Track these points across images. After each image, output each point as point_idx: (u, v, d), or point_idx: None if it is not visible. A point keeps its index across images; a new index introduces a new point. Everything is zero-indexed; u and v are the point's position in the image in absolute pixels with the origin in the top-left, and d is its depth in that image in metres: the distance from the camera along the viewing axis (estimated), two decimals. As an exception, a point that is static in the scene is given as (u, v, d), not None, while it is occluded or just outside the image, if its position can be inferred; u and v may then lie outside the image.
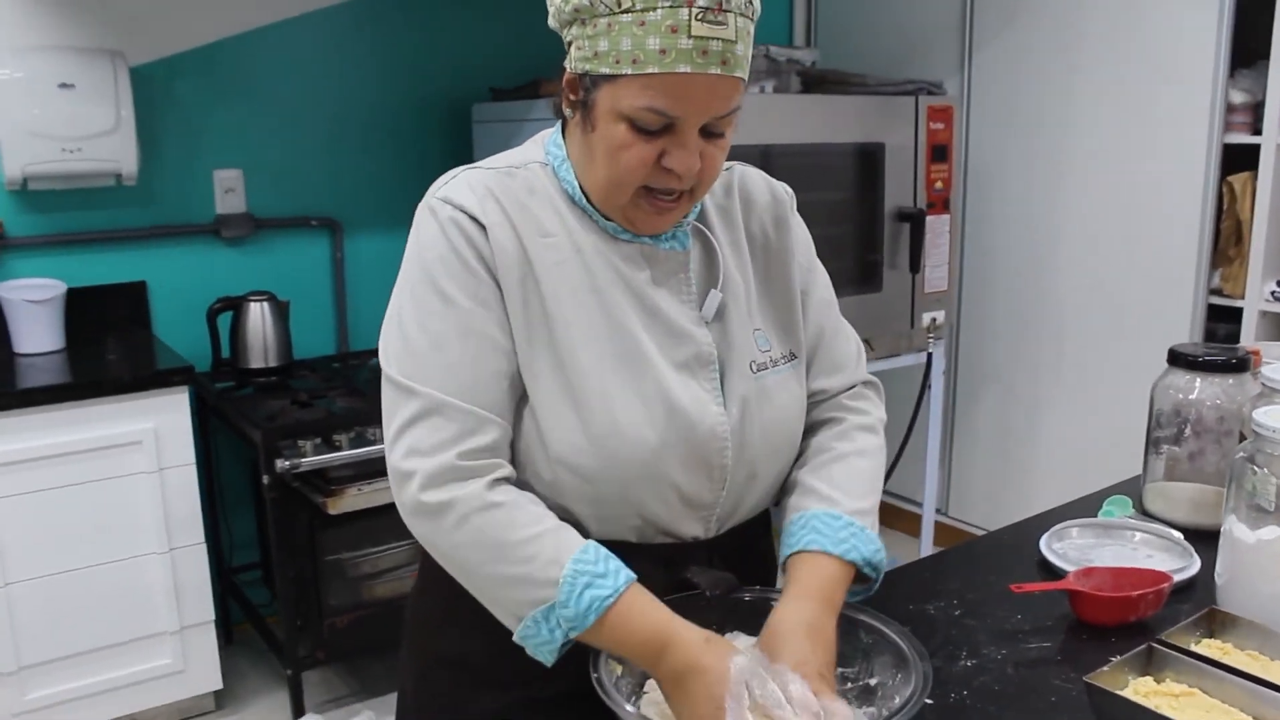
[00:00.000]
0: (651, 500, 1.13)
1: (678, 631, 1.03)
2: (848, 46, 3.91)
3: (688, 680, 1.01)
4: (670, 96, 1.02)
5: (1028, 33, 3.31)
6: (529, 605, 1.04)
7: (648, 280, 1.15)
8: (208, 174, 3.13)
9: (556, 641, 1.04)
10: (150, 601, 2.70)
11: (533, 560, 1.03)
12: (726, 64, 1.03)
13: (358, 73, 3.29)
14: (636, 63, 1.01)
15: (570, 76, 1.09)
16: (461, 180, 1.13)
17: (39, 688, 2.60)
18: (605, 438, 1.09)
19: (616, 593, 1.03)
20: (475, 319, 1.09)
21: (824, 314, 1.30)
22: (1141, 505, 1.69)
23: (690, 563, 1.17)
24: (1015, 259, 3.46)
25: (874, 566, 1.19)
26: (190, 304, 3.12)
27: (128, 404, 2.60)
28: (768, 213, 1.27)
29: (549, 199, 1.14)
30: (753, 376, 1.18)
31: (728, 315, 1.19)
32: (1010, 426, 3.58)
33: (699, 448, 1.13)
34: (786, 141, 2.83)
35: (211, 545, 3.11)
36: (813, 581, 1.14)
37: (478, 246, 1.09)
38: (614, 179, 1.08)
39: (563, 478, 1.11)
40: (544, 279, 1.11)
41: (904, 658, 1.06)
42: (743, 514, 1.23)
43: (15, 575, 2.52)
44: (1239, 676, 1.12)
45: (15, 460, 2.49)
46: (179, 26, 3.01)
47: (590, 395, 1.10)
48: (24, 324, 2.82)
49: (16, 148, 2.73)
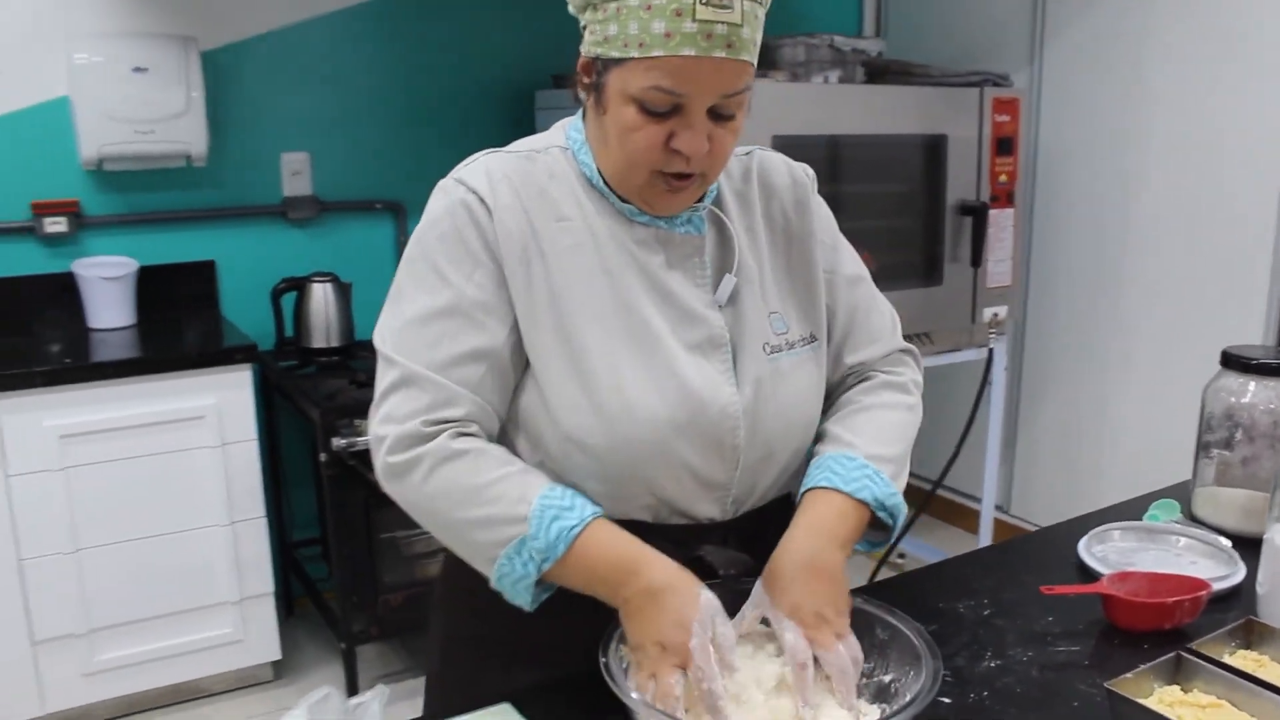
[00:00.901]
0: (664, 479, 1.14)
1: (650, 555, 1.07)
2: (918, 38, 3.86)
3: (661, 596, 1.03)
4: (675, 78, 1.04)
5: (1101, 23, 3.22)
6: (501, 544, 1.07)
7: (662, 263, 1.17)
8: (275, 157, 3.20)
9: (531, 576, 1.07)
10: (212, 572, 2.78)
11: (500, 500, 1.07)
12: (731, 47, 1.04)
13: (423, 59, 3.33)
14: (643, 46, 1.03)
15: (584, 60, 1.12)
16: (480, 164, 1.16)
17: (107, 650, 2.70)
18: (616, 417, 1.11)
19: (583, 522, 1.07)
20: (465, 299, 1.11)
21: (854, 290, 1.31)
22: (1190, 510, 1.65)
23: (706, 544, 1.18)
24: (1084, 255, 3.38)
25: (889, 511, 1.19)
26: (256, 283, 3.19)
27: (193, 379, 2.68)
28: (788, 195, 1.28)
29: (568, 183, 1.16)
30: (766, 358, 1.19)
31: (741, 299, 1.20)
32: (1075, 425, 3.50)
33: (711, 427, 1.14)
34: (848, 132, 2.81)
35: (274, 520, 3.21)
36: (819, 517, 1.15)
37: (482, 229, 1.12)
38: (626, 160, 1.10)
39: (573, 455, 1.13)
40: (555, 261, 1.13)
41: (917, 655, 1.06)
42: (760, 496, 1.23)
43: (86, 541, 2.62)
44: (1270, 690, 1.10)
45: (87, 431, 2.58)
46: (249, 12, 3.08)
47: (600, 375, 1.11)
48: (98, 300, 2.92)
49: (93, 129, 2.82)
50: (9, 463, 2.51)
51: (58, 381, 2.53)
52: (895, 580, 1.51)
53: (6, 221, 2.89)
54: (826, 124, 2.76)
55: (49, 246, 2.95)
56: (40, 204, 2.90)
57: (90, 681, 2.69)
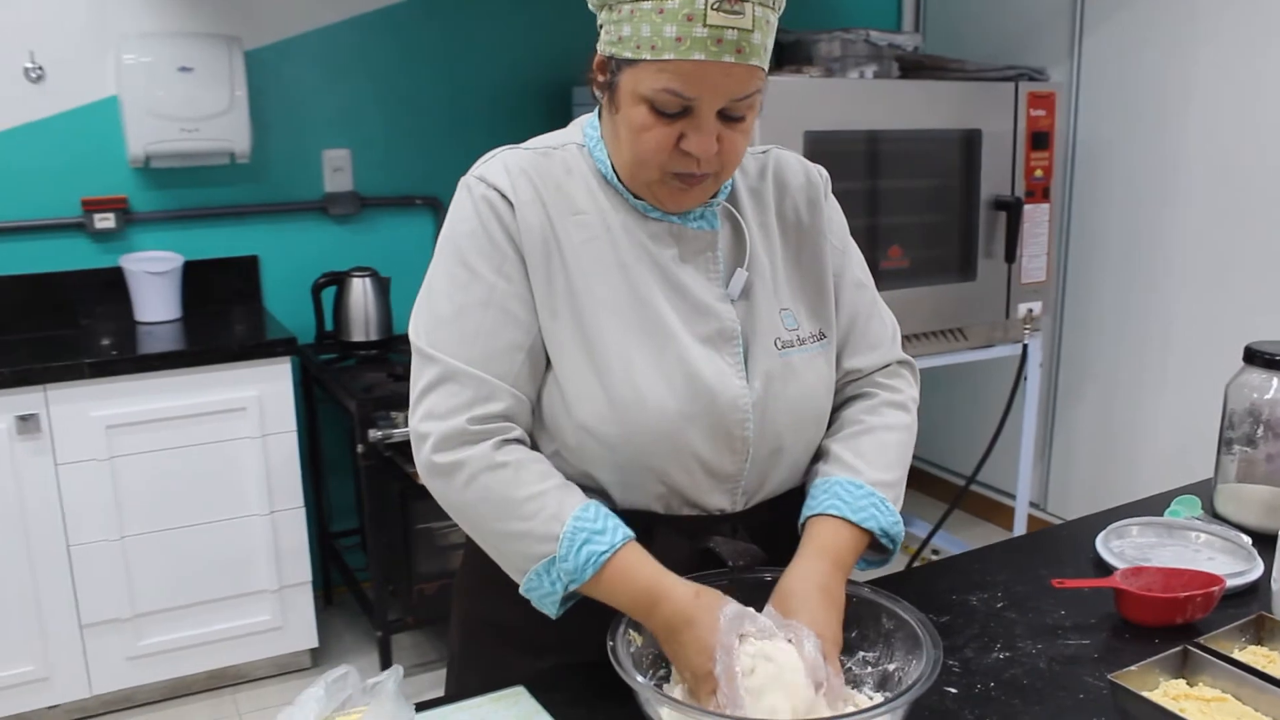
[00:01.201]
0: (673, 469, 1.17)
1: (669, 586, 1.08)
2: (957, 32, 3.84)
3: (680, 632, 1.06)
4: (685, 82, 1.06)
5: (1141, 16, 3.19)
6: (532, 559, 1.10)
7: (674, 257, 1.19)
8: (317, 153, 3.26)
9: (558, 594, 1.10)
10: (252, 560, 2.85)
11: (535, 516, 1.09)
12: (741, 52, 1.05)
13: (461, 56, 3.37)
14: (654, 49, 1.05)
15: (599, 59, 1.14)
16: (499, 160, 1.19)
17: (150, 635, 2.77)
18: (627, 406, 1.13)
19: (613, 548, 1.08)
20: (497, 293, 1.14)
21: (857, 296, 1.32)
22: (1213, 507, 1.65)
23: (716, 536, 1.21)
24: (1122, 250, 3.35)
25: (891, 538, 1.21)
26: (298, 278, 3.26)
27: (234, 372, 2.74)
28: (801, 195, 1.29)
29: (584, 179, 1.19)
30: (777, 353, 1.21)
31: (753, 294, 1.22)
32: (1113, 423, 3.47)
33: (720, 419, 1.17)
34: (882, 127, 2.81)
35: (314, 510, 3.28)
36: (827, 544, 1.17)
37: (505, 223, 1.15)
38: (637, 159, 1.12)
39: (587, 445, 1.15)
40: (571, 255, 1.15)
41: (920, 644, 1.07)
42: (770, 489, 1.25)
43: (132, 529, 2.69)
44: (1276, 685, 1.10)
45: (133, 421, 2.65)
46: (291, 11, 3.14)
47: (613, 366, 1.14)
48: (145, 294, 3.00)
49: (140, 127, 2.89)
50: (58, 452, 2.59)
51: (105, 373, 2.60)
52: (911, 572, 1.52)
53: (58, 218, 2.97)
54: (859, 119, 2.76)
55: (98, 242, 3.03)
56: (90, 201, 2.98)
57: (135, 665, 2.77)
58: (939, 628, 1.30)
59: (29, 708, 2.70)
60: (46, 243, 2.98)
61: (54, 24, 2.88)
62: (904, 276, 2.90)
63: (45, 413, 2.56)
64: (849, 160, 2.78)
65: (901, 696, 0.97)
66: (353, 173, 3.32)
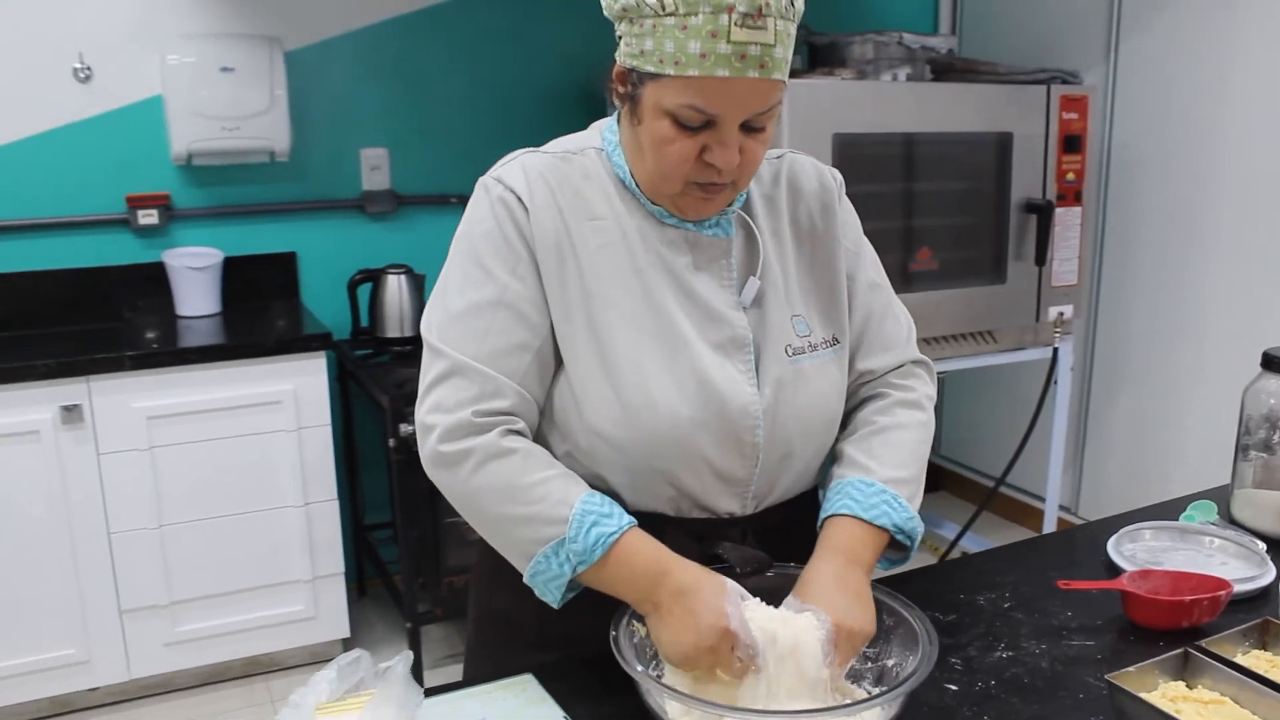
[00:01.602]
0: (683, 473, 1.19)
1: (677, 560, 1.12)
2: (994, 35, 3.83)
3: (688, 595, 1.08)
4: (709, 97, 1.07)
5: (1178, 20, 3.17)
6: (540, 543, 1.13)
7: (688, 265, 1.21)
8: (355, 152, 3.32)
9: (565, 576, 1.13)
10: (286, 551, 2.91)
11: (543, 500, 1.12)
12: (764, 67, 1.07)
13: (499, 57, 3.42)
14: (678, 65, 1.07)
15: (620, 69, 1.15)
16: (517, 163, 1.21)
17: (187, 622, 2.84)
18: (639, 410, 1.16)
19: (621, 530, 1.12)
20: (509, 293, 1.17)
21: (871, 297, 1.33)
22: (1229, 513, 1.65)
23: (725, 539, 1.23)
24: (1158, 255, 3.32)
25: (907, 534, 1.23)
26: (336, 274, 3.32)
27: (271, 366, 2.80)
28: (815, 200, 1.31)
29: (601, 184, 1.21)
30: (788, 360, 1.23)
31: (765, 301, 1.24)
32: (1146, 427, 3.45)
33: (730, 424, 1.19)
34: (911, 130, 2.81)
35: (349, 503, 3.34)
36: (841, 541, 1.19)
37: (520, 225, 1.17)
38: (660, 172, 1.14)
39: (598, 447, 1.18)
40: (587, 259, 1.18)
41: (917, 640, 1.09)
42: (780, 493, 1.27)
43: (170, 518, 2.77)
44: (1275, 690, 1.11)
45: (173, 413, 2.72)
46: (331, 13, 3.20)
47: (625, 370, 1.16)
48: (186, 289, 3.07)
49: (183, 126, 2.97)
50: (100, 442, 2.66)
51: (146, 366, 2.67)
52: (921, 571, 1.53)
53: (103, 214, 3.06)
54: (890, 122, 2.77)
55: (141, 237, 3.11)
56: (134, 197, 3.06)
57: (172, 651, 2.84)
58: (945, 626, 1.33)
59: (70, 689, 2.78)
60: (92, 238, 3.06)
61: (102, 26, 2.97)
62: (933, 278, 2.91)
63: (88, 403, 2.64)
64: (878, 162, 2.79)
65: (892, 691, 0.99)
66: (390, 171, 3.38)
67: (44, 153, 2.98)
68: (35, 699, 2.75)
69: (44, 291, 3.02)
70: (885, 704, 1.02)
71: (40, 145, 2.97)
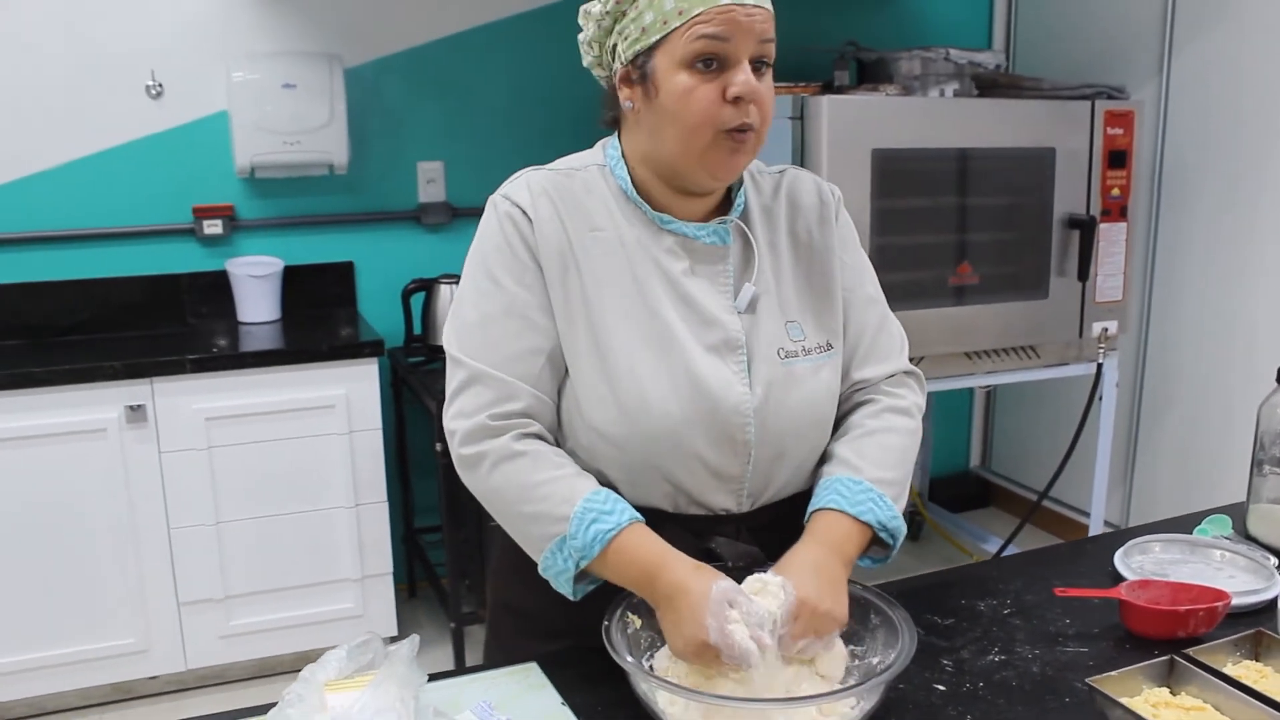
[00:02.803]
0: (678, 469, 1.25)
1: (670, 559, 1.17)
2: (1047, 51, 3.82)
3: (676, 599, 1.13)
4: (719, 25, 1.16)
5: (1230, 36, 3.14)
6: (547, 539, 1.20)
7: (685, 270, 1.28)
8: (412, 165, 3.43)
9: (570, 571, 1.19)
10: (337, 550, 3.01)
11: (549, 499, 1.20)
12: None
13: (551, 73, 3.50)
14: (683, 12, 1.17)
15: (622, 71, 1.24)
16: (523, 180, 1.30)
17: (241, 616, 2.96)
18: (634, 409, 1.23)
19: (619, 527, 1.18)
20: (519, 301, 1.25)
21: (868, 311, 1.39)
22: (1244, 527, 1.65)
23: (722, 535, 1.28)
24: (1210, 272, 3.29)
25: (890, 533, 1.27)
26: (392, 283, 3.42)
27: (324, 371, 2.91)
28: (813, 213, 1.37)
29: (602, 198, 1.29)
30: (780, 362, 1.28)
31: (759, 307, 1.30)
32: (1198, 444, 3.41)
33: (722, 422, 1.25)
34: (952, 145, 2.83)
35: (400, 506, 3.44)
36: (824, 533, 1.24)
37: (526, 238, 1.25)
38: (689, 126, 1.20)
39: (597, 445, 1.25)
40: (588, 268, 1.25)
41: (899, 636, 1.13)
42: (775, 491, 1.33)
43: (227, 515, 2.88)
44: (1258, 699, 1.12)
45: (230, 415, 2.84)
46: (390, 31, 3.32)
47: (622, 372, 1.23)
48: (247, 296, 3.20)
49: (246, 141, 3.09)
50: (162, 441, 2.79)
51: (205, 369, 2.80)
52: (925, 578, 1.56)
53: (171, 223, 3.20)
54: (929, 138, 2.79)
55: (206, 246, 3.25)
56: (200, 208, 3.20)
57: (227, 643, 2.96)
58: (942, 629, 1.37)
59: (130, 677, 2.91)
60: (160, 246, 3.20)
61: (174, 45, 3.11)
62: (975, 293, 2.92)
63: (151, 404, 2.77)
64: (918, 178, 2.80)
65: (868, 682, 1.03)
66: (445, 184, 3.48)
67: (117, 165, 3.13)
68: (98, 684, 2.88)
69: (115, 297, 3.17)
70: (861, 695, 1.06)
71: (114, 158, 3.13)
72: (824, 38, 3.51)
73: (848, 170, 2.66)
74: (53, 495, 2.73)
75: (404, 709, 1.05)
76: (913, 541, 3.99)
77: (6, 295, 3.08)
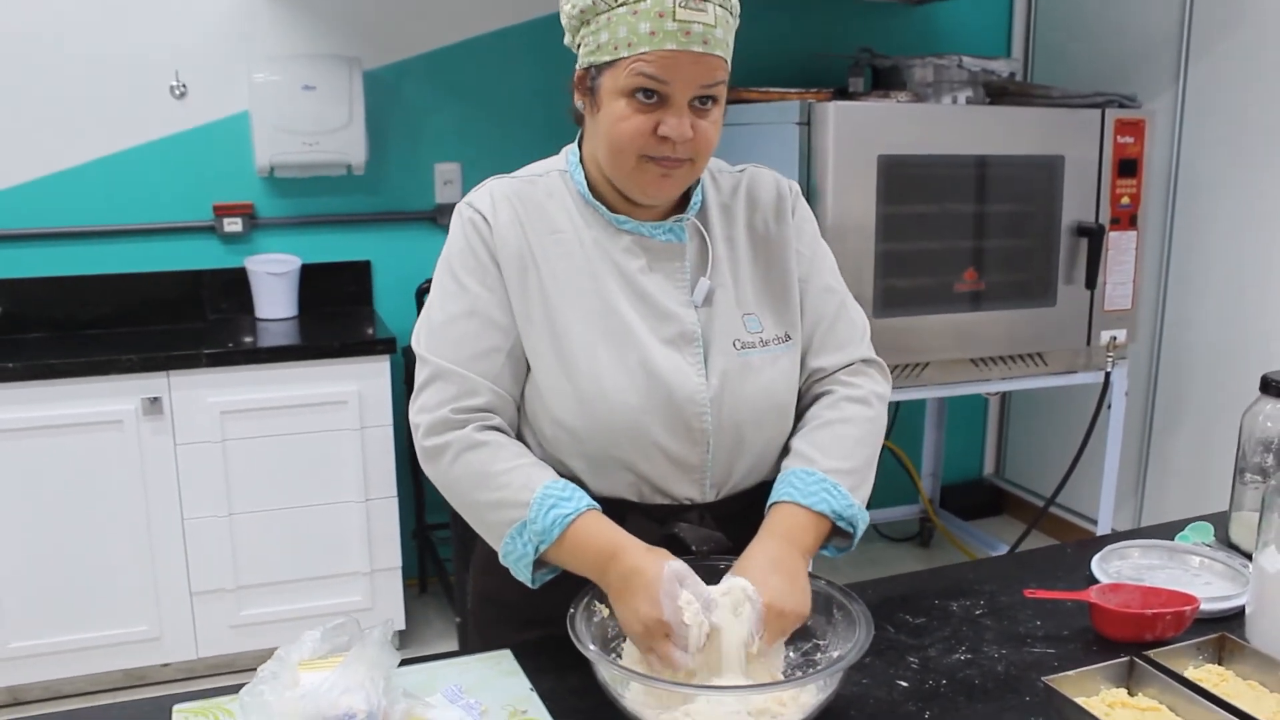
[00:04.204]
0: (638, 459, 1.30)
1: (626, 544, 1.20)
2: (1063, 60, 3.82)
3: (630, 579, 1.17)
4: (659, 68, 1.20)
5: (1247, 45, 3.13)
6: (506, 525, 1.24)
7: (641, 268, 1.33)
8: (429, 167, 3.48)
9: (529, 555, 1.23)
10: (347, 543, 3.06)
11: (509, 486, 1.24)
12: (707, 44, 1.20)
13: (568, 77, 3.50)
14: (631, 46, 1.21)
15: (579, 73, 1.30)
16: (486, 188, 1.36)
17: (251, 606, 3.01)
18: (593, 402, 1.28)
19: (577, 512, 1.22)
20: (480, 302, 1.30)
21: (824, 300, 1.43)
22: (1227, 535, 1.66)
23: (682, 523, 1.32)
24: (1224, 282, 3.28)
25: (848, 521, 1.30)
26: (408, 282, 3.48)
27: (337, 367, 2.96)
28: (770, 209, 1.42)
29: (562, 202, 1.35)
30: (736, 353, 1.33)
31: (716, 300, 1.34)
32: (1211, 454, 3.39)
33: (679, 411, 1.29)
34: (960, 152, 2.84)
35: (412, 502, 3.49)
36: (780, 526, 1.27)
37: (486, 241, 1.31)
38: (616, 147, 1.25)
39: (560, 436, 1.30)
40: (547, 269, 1.31)
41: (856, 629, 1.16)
42: (738, 480, 1.37)
43: (239, 507, 2.94)
44: (1212, 702, 1.14)
45: (244, 409, 2.90)
46: (408, 34, 3.37)
47: (580, 364, 1.28)
48: (265, 293, 3.26)
49: (267, 141, 3.16)
50: (177, 433, 2.85)
51: (220, 363, 2.85)
52: (901, 578, 1.58)
53: (192, 221, 3.27)
54: (936, 144, 2.80)
55: (226, 244, 3.32)
56: (221, 206, 3.26)
57: (237, 633, 3.01)
58: (912, 628, 1.39)
59: (143, 663, 2.97)
60: (180, 243, 3.28)
61: (198, 47, 3.18)
62: (980, 300, 2.93)
63: (168, 397, 2.83)
64: (925, 184, 2.82)
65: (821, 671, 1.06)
66: (462, 186, 3.52)
67: (141, 163, 3.21)
68: (110, 670, 2.95)
69: (137, 292, 3.24)
70: (817, 684, 1.09)
71: (138, 156, 3.20)
72: (844, 44, 3.53)
73: (853, 176, 2.68)
74: (70, 485, 2.80)
75: (373, 688, 1.09)
76: (923, 549, 4.00)
77: (32, 289, 3.16)
